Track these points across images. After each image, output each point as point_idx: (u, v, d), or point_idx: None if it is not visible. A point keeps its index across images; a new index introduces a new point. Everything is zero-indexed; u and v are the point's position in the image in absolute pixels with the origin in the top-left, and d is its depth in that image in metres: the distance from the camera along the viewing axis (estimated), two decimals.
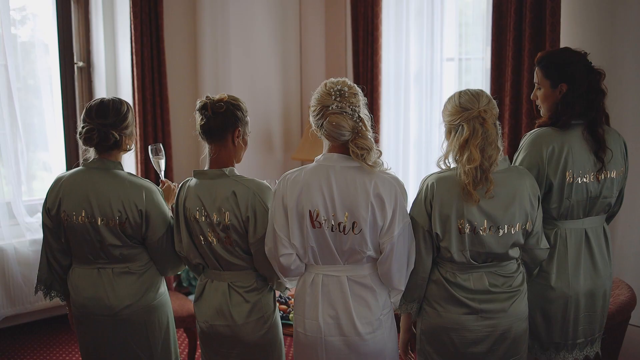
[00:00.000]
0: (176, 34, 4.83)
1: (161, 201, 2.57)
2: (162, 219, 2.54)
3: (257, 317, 2.44)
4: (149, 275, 2.60)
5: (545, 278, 2.55)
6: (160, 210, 2.54)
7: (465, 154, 2.24)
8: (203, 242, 2.42)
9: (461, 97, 2.30)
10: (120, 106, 2.53)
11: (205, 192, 2.39)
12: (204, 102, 2.38)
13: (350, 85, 2.23)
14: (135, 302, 2.56)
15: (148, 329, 2.61)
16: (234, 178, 2.39)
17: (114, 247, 2.51)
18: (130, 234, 2.51)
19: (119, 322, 2.56)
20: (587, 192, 2.51)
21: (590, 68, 2.51)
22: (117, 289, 2.54)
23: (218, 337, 2.48)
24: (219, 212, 2.36)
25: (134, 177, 2.56)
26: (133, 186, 2.51)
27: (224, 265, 2.44)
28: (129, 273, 2.56)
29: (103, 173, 2.52)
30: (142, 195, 2.50)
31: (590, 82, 2.48)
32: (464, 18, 4.43)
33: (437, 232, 2.30)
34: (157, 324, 2.63)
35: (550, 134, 2.50)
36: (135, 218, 2.49)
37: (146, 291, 2.58)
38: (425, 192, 2.33)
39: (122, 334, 2.58)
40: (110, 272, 2.55)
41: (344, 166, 2.22)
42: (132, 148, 2.63)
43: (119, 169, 2.57)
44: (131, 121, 2.56)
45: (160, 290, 2.65)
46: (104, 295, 2.54)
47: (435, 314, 2.37)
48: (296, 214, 2.23)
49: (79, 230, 2.51)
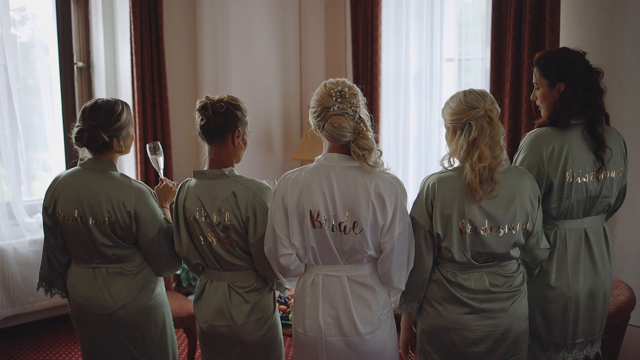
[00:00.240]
0: (176, 34, 4.83)
1: (152, 203, 2.55)
2: (154, 220, 2.53)
3: (257, 318, 2.44)
4: (143, 276, 2.59)
5: (544, 278, 2.55)
6: (151, 211, 2.53)
7: (476, 153, 2.24)
8: (203, 243, 2.42)
9: (467, 96, 2.30)
10: (113, 107, 2.50)
11: (205, 192, 2.39)
12: (204, 103, 2.38)
13: (350, 85, 2.23)
14: (129, 302, 2.55)
15: (144, 330, 2.60)
16: (234, 178, 2.39)
17: (106, 247, 2.51)
18: (121, 234, 2.51)
19: (114, 322, 2.56)
20: (587, 191, 2.51)
21: (588, 67, 2.51)
22: (112, 289, 2.55)
23: (218, 338, 2.48)
24: (218, 213, 2.36)
25: (126, 178, 2.55)
26: (123, 187, 2.51)
27: (224, 266, 2.43)
28: (122, 274, 2.56)
29: (96, 173, 2.53)
30: (131, 196, 2.49)
31: (588, 80, 2.49)
32: (463, 18, 4.43)
33: (438, 232, 2.30)
34: (153, 324, 2.63)
35: (550, 134, 2.50)
36: (125, 219, 2.48)
37: (140, 292, 2.58)
38: (427, 192, 2.33)
39: (118, 333, 2.58)
40: (104, 272, 2.55)
41: (345, 166, 2.22)
42: (127, 150, 2.60)
43: (112, 169, 2.56)
44: (125, 123, 2.53)
45: (156, 290, 2.64)
46: (99, 295, 2.55)
47: (436, 313, 2.37)
48: (296, 214, 2.23)
49: (73, 230, 2.52)
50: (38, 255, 4.12)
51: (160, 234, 2.54)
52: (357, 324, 2.26)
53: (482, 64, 4.23)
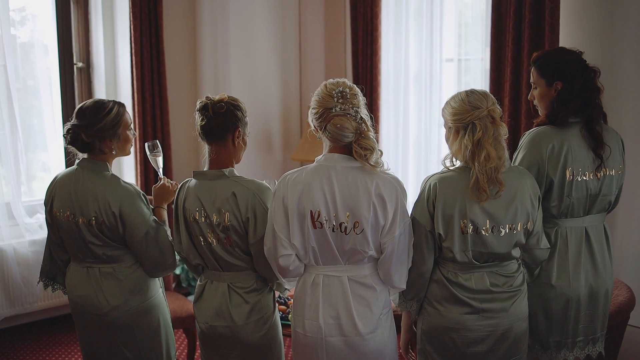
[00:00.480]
0: (176, 34, 4.83)
1: (139, 204, 2.51)
2: (141, 221, 2.50)
3: (256, 318, 2.44)
4: (135, 277, 2.58)
5: (546, 277, 2.55)
6: (137, 212, 2.50)
7: (483, 153, 2.24)
8: (203, 243, 2.42)
9: (469, 95, 2.29)
10: (100, 108, 2.49)
11: (205, 193, 2.39)
12: (205, 103, 2.37)
13: (350, 85, 2.23)
14: (122, 304, 2.54)
15: (136, 332, 2.59)
16: (234, 179, 2.39)
17: (96, 246, 2.52)
18: (108, 234, 2.51)
19: (108, 323, 2.56)
20: (587, 189, 2.52)
21: (585, 66, 2.53)
22: (105, 290, 2.55)
23: (218, 338, 2.48)
24: (218, 213, 2.36)
25: (115, 179, 2.54)
26: (110, 188, 2.50)
27: (224, 266, 2.44)
28: (113, 275, 2.55)
29: (89, 173, 2.53)
30: (116, 197, 2.48)
31: (585, 79, 2.50)
32: (463, 19, 4.43)
33: (440, 232, 2.30)
34: (146, 327, 2.61)
35: (549, 132, 2.51)
36: (110, 219, 2.48)
37: (133, 294, 2.57)
38: (428, 192, 2.33)
39: (111, 334, 2.58)
40: (97, 272, 2.55)
41: (345, 166, 2.22)
42: (121, 153, 2.58)
43: (105, 170, 2.55)
44: (109, 125, 2.49)
45: (149, 292, 2.62)
46: (93, 294, 2.55)
47: (437, 313, 2.38)
48: (297, 215, 2.23)
49: (67, 228, 2.54)
50: (38, 256, 4.12)
51: (149, 235, 2.52)
52: (357, 324, 2.26)
53: (482, 65, 4.23)
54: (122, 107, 2.56)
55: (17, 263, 4.08)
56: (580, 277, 2.55)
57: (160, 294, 2.70)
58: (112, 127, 2.51)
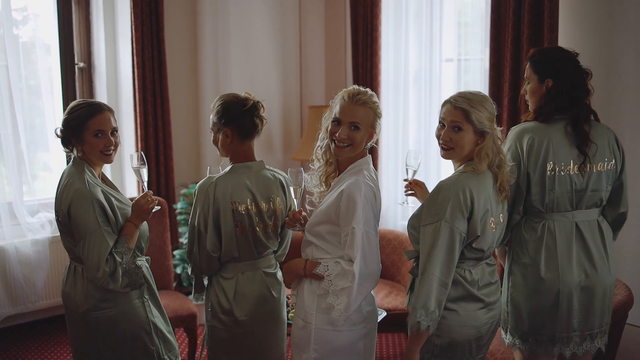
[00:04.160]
0: (177, 34, 4.85)
1: (86, 208, 2.42)
2: (82, 225, 2.42)
3: (285, 294, 2.73)
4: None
5: (535, 269, 2.59)
6: (82, 216, 2.42)
7: (500, 155, 2.38)
8: (249, 232, 2.54)
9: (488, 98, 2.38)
10: (70, 108, 2.55)
11: (254, 183, 2.55)
12: (252, 102, 2.54)
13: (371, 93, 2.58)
14: (93, 306, 2.49)
15: (100, 338, 2.53)
16: (271, 169, 2.66)
17: (65, 241, 2.56)
18: (67, 233, 2.52)
19: (86, 323, 2.53)
20: (572, 184, 2.56)
21: (577, 66, 2.58)
22: (78, 288, 2.53)
23: (262, 322, 2.60)
24: (268, 201, 2.56)
25: (75, 178, 2.48)
26: (67, 187, 2.48)
27: (261, 252, 2.61)
28: (82, 275, 2.52)
29: (68, 170, 2.56)
30: (68, 196, 2.44)
31: (575, 79, 2.55)
32: (463, 19, 4.45)
33: (478, 235, 2.30)
34: (112, 335, 2.53)
35: (532, 127, 2.58)
36: (65, 219, 2.48)
37: (101, 299, 2.50)
38: (464, 198, 2.27)
39: (89, 334, 2.54)
40: (73, 269, 2.57)
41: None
42: (88, 156, 2.53)
43: (80, 169, 2.51)
44: (69, 125, 2.49)
45: (120, 299, 2.52)
46: (72, 292, 2.55)
47: (454, 314, 2.33)
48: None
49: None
50: (39, 255, 4.15)
51: (87, 242, 2.41)
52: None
53: (482, 65, 4.24)
54: (92, 111, 2.50)
55: (19, 262, 4.09)
56: (572, 271, 2.57)
57: (141, 305, 2.58)
58: (73, 128, 2.50)
